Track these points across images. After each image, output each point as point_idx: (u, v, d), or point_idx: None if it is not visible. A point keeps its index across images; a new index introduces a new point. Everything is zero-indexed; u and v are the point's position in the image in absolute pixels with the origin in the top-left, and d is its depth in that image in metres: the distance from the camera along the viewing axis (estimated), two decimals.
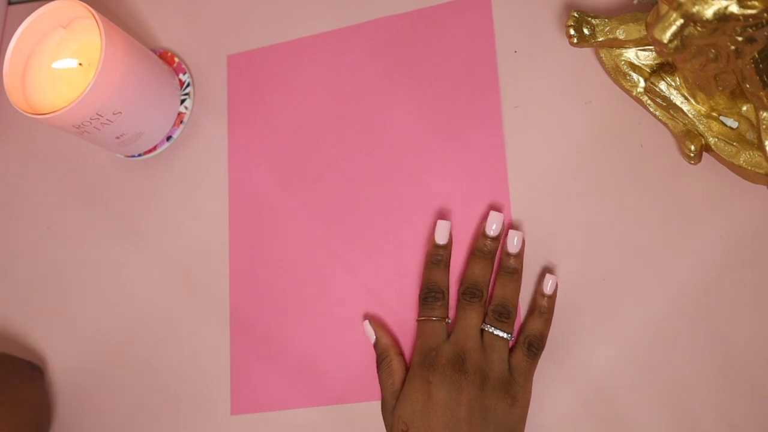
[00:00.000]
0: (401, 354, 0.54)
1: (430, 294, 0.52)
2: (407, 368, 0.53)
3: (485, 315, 0.51)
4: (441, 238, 0.54)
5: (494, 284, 0.53)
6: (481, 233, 0.53)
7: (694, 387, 0.50)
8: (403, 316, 0.55)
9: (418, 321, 0.53)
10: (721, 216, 0.51)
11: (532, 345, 0.50)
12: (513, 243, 0.52)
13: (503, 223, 0.53)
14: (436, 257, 0.53)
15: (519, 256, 0.52)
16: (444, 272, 0.53)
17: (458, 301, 0.52)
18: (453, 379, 0.48)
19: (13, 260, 0.65)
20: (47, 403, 0.59)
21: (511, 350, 0.51)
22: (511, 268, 0.52)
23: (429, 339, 0.51)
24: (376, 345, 0.54)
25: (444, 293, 0.52)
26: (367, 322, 0.55)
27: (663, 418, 0.50)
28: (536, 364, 0.50)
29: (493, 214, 0.53)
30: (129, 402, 0.59)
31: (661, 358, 0.50)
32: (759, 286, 0.50)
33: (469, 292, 0.51)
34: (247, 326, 0.59)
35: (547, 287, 0.52)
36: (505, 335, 0.50)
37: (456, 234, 0.55)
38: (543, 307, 0.51)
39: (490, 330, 0.50)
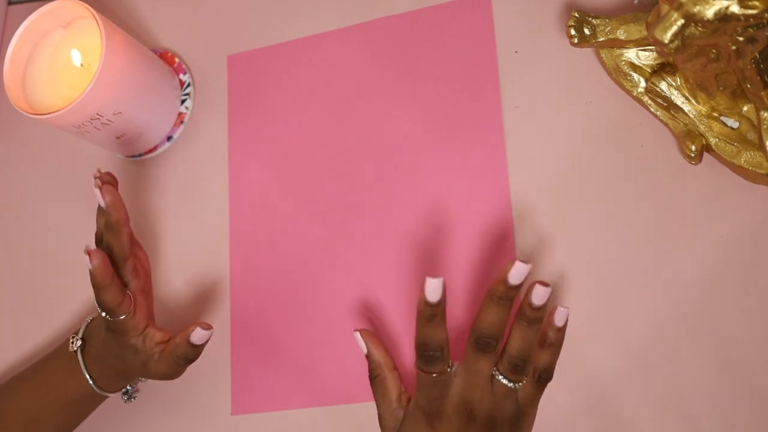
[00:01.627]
0: (395, 369, 0.50)
1: (428, 353, 0.46)
2: (402, 382, 0.50)
3: (498, 363, 0.47)
4: (433, 297, 0.45)
5: (511, 331, 0.47)
6: (501, 279, 0.46)
7: (694, 387, 0.50)
8: (403, 317, 0.55)
9: (417, 371, 0.47)
10: (721, 216, 0.51)
11: (542, 377, 0.47)
12: (539, 296, 0.46)
13: (528, 273, 0.46)
14: (430, 314, 0.45)
15: (543, 308, 0.46)
16: (440, 329, 0.46)
17: (468, 345, 0.47)
18: (461, 427, 0.46)
19: (13, 260, 0.65)
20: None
21: None
22: (533, 319, 0.46)
23: (431, 390, 0.47)
24: (368, 358, 0.51)
25: (443, 350, 0.46)
26: (357, 333, 0.51)
27: (663, 418, 0.50)
28: (543, 392, 0.48)
29: (519, 264, 0.45)
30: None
31: (661, 358, 0.50)
32: (759, 286, 0.50)
33: (483, 342, 0.46)
34: (247, 326, 0.59)
35: (559, 320, 0.47)
36: (516, 387, 0.47)
37: (456, 234, 0.55)
38: (554, 340, 0.47)
39: (504, 381, 0.46)
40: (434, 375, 0.46)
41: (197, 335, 0.52)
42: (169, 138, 0.64)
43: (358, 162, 0.59)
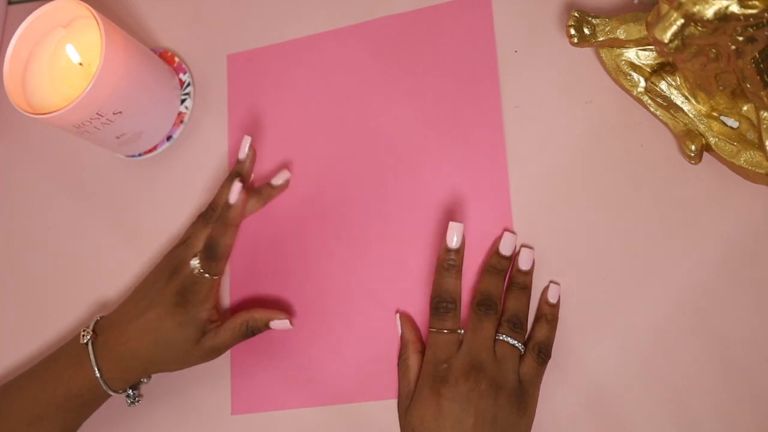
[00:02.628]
0: (420, 352, 0.53)
1: (441, 304, 0.51)
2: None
3: (498, 327, 0.51)
4: (453, 242, 0.51)
5: (506, 298, 0.52)
6: (495, 251, 0.53)
7: (694, 387, 0.50)
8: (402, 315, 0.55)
9: (429, 331, 0.51)
10: (721, 216, 0.51)
11: (542, 351, 0.50)
12: (525, 260, 0.53)
13: (516, 243, 0.54)
14: (448, 262, 0.51)
15: (530, 273, 0.53)
16: (456, 279, 0.51)
17: (471, 312, 0.51)
18: (465, 392, 0.48)
19: (13, 260, 0.65)
20: None
21: (520, 359, 0.51)
22: (522, 284, 0.52)
23: (440, 351, 0.50)
24: (401, 338, 0.54)
25: (456, 303, 0.51)
26: (397, 315, 0.55)
27: (663, 418, 0.50)
28: (543, 372, 0.51)
29: (507, 235, 0.53)
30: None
31: (661, 358, 0.50)
32: (759, 286, 0.50)
33: (485, 303, 0.51)
34: None
35: (552, 296, 0.52)
36: (518, 344, 0.50)
37: None
38: (549, 315, 0.52)
39: (505, 339, 0.50)
40: (445, 331, 0.50)
41: (278, 324, 0.55)
42: (168, 138, 0.64)
43: (358, 162, 0.59)
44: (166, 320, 0.53)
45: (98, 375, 0.53)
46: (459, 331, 0.51)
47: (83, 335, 0.54)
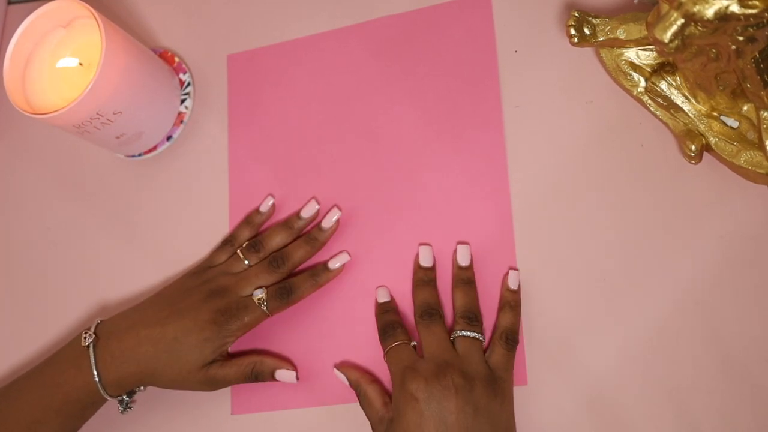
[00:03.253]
0: (374, 381, 0.53)
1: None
2: (386, 391, 0.53)
3: (451, 327, 0.53)
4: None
5: (454, 297, 0.54)
6: (417, 267, 0.55)
7: (694, 387, 0.50)
8: (402, 315, 0.55)
9: (386, 353, 0.52)
10: (721, 216, 0.51)
11: (509, 339, 0.51)
12: (463, 257, 0.54)
13: (433, 254, 0.55)
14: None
15: (470, 267, 0.54)
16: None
17: (418, 326, 0.53)
18: (439, 390, 0.48)
19: (13, 260, 0.65)
20: None
21: (487, 349, 0.51)
22: (466, 279, 0.54)
23: (402, 362, 0.51)
24: (349, 384, 0.54)
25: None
26: (335, 370, 0.55)
27: (663, 418, 0.50)
28: (514, 357, 0.51)
29: (423, 248, 0.55)
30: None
31: (661, 358, 0.50)
32: (759, 286, 0.50)
33: (426, 311, 0.53)
34: None
35: (512, 282, 0.53)
36: (478, 335, 0.51)
37: (456, 233, 0.56)
38: (512, 302, 0.53)
39: (463, 334, 0.51)
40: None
41: (284, 375, 0.55)
42: (168, 138, 0.64)
43: (358, 162, 0.59)
44: (192, 333, 0.53)
45: (97, 379, 0.53)
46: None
47: (85, 337, 0.54)
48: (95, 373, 0.53)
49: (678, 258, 0.51)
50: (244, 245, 0.58)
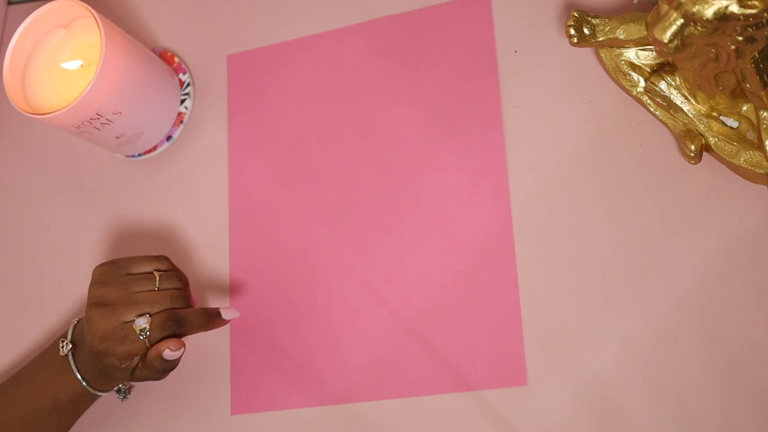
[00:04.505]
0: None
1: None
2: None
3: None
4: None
5: None
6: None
7: (693, 386, 0.50)
8: (402, 315, 0.55)
9: None
10: (721, 216, 0.51)
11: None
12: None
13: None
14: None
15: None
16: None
17: None
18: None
19: (12, 260, 0.65)
20: None
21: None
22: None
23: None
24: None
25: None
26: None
27: (663, 417, 0.50)
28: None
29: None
30: (130, 402, 0.59)
31: (662, 357, 0.50)
32: (759, 286, 0.50)
33: None
34: (247, 326, 0.59)
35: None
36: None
37: (456, 233, 0.56)
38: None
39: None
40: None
41: (168, 354, 0.51)
42: (168, 138, 0.64)
43: (358, 161, 0.59)
44: (95, 361, 0.52)
45: (84, 384, 0.53)
46: None
47: (62, 347, 0.53)
48: (80, 377, 0.53)
49: (678, 258, 0.51)
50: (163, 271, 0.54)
